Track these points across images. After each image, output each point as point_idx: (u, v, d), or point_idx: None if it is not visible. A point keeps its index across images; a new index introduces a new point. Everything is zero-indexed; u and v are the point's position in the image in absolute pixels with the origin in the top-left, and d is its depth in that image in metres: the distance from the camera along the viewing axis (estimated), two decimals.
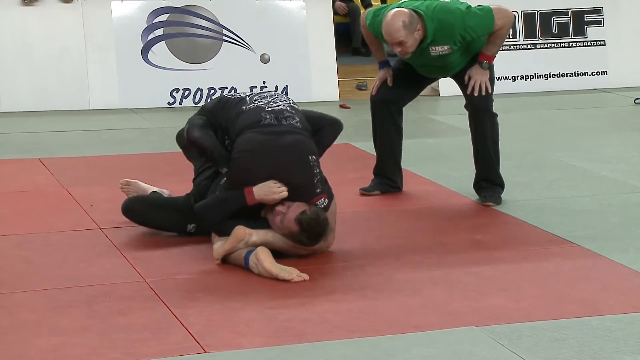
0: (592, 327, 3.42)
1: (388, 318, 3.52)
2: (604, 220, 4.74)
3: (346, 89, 8.65)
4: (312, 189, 4.05)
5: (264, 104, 4.20)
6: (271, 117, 4.14)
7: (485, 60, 5.10)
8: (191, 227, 4.33)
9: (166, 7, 8.12)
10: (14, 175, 5.67)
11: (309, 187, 4.05)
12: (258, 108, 4.18)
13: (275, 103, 4.22)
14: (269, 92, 4.37)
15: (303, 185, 4.04)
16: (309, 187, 4.05)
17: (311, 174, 4.05)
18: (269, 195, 4.02)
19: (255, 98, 4.27)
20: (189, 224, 4.33)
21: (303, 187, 4.04)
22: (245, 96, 4.31)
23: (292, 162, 4.05)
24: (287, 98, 4.34)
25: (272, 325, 3.47)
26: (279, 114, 4.16)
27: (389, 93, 5.21)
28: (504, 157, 5.27)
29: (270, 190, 4.01)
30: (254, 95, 4.31)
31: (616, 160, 5.96)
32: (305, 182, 4.05)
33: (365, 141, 6.58)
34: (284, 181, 4.02)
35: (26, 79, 7.80)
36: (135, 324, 3.46)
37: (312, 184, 4.06)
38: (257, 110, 4.16)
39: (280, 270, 3.89)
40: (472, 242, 4.40)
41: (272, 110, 4.16)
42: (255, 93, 4.34)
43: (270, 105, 4.20)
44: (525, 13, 8.76)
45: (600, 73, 8.84)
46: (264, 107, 4.18)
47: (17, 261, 4.15)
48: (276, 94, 4.33)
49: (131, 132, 7.00)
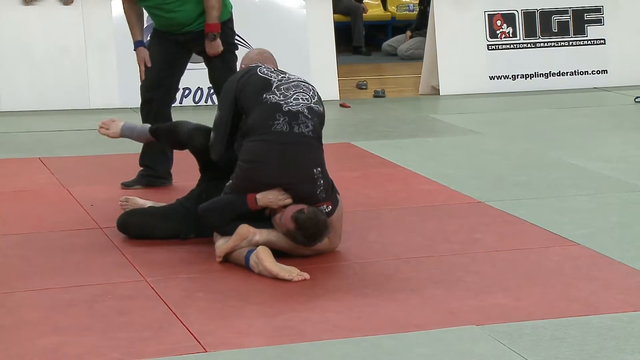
0: (593, 325, 3.42)
1: (389, 317, 3.52)
2: (605, 219, 4.74)
3: (346, 88, 8.65)
4: (314, 198, 4.07)
5: (282, 99, 4.10)
6: (284, 121, 4.05)
7: (209, 31, 5.09)
8: (192, 236, 4.32)
9: None
10: (14, 174, 5.67)
11: (312, 198, 4.07)
12: (275, 105, 4.08)
13: (296, 101, 4.11)
14: (295, 81, 4.21)
15: (306, 197, 4.05)
16: (312, 197, 4.07)
17: (314, 187, 4.06)
18: (274, 202, 4.03)
19: (277, 86, 4.13)
20: (189, 234, 4.31)
21: (306, 198, 4.05)
22: (272, 79, 4.17)
23: (297, 176, 4.04)
24: (310, 94, 4.18)
25: (272, 324, 3.47)
26: (293, 119, 4.06)
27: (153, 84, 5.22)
28: (504, 156, 5.27)
29: (275, 197, 4.02)
30: (280, 81, 4.17)
31: (616, 159, 5.96)
32: (308, 194, 4.06)
33: (366, 140, 6.59)
34: (288, 191, 4.03)
35: (26, 78, 7.80)
36: (135, 323, 3.46)
37: (315, 195, 4.07)
38: (273, 108, 4.07)
39: (280, 270, 3.89)
40: (472, 240, 4.40)
41: (288, 112, 4.06)
42: (282, 79, 4.19)
43: (289, 103, 4.10)
44: (525, 12, 8.76)
45: (600, 72, 8.84)
46: (281, 106, 4.08)
47: (17, 260, 4.15)
48: (301, 86, 4.18)
49: None
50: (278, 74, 4.24)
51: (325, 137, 4.25)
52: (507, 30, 8.69)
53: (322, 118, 4.20)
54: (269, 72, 4.24)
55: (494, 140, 6.58)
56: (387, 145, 6.42)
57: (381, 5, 12.35)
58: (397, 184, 5.44)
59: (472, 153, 6.23)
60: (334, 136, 6.51)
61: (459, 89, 8.50)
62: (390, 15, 12.23)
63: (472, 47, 8.58)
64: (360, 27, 11.36)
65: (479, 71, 8.60)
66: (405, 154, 6.14)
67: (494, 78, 8.64)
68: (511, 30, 8.69)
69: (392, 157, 6.03)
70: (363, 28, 11.40)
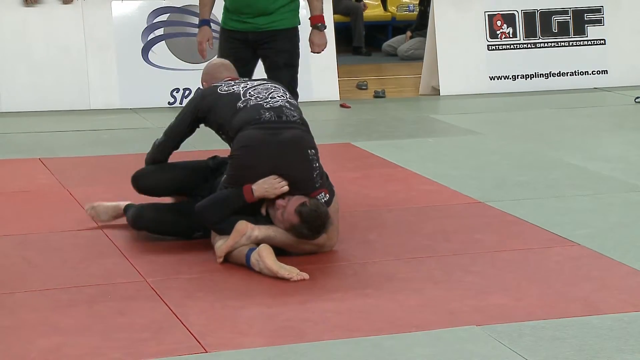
0: (593, 326, 3.42)
1: (389, 317, 3.52)
2: (605, 219, 4.74)
3: (346, 89, 8.65)
4: (311, 183, 4.06)
5: (261, 100, 4.18)
6: (271, 114, 4.13)
7: (319, 22, 5.08)
8: (197, 235, 4.32)
9: (166, 7, 8.12)
10: (14, 175, 5.67)
11: (309, 181, 4.06)
12: (256, 105, 4.16)
13: (274, 99, 4.20)
14: (264, 85, 4.30)
15: (303, 179, 4.05)
16: (309, 181, 4.06)
17: (310, 168, 4.06)
18: (270, 191, 4.02)
19: (250, 92, 4.22)
20: (196, 232, 4.31)
21: (302, 181, 4.05)
22: (236, 90, 4.24)
23: (292, 156, 4.06)
24: (283, 92, 4.30)
25: (273, 324, 3.47)
26: (279, 111, 4.15)
27: None
28: (504, 156, 5.27)
29: (272, 186, 4.02)
30: (248, 88, 4.26)
31: (616, 159, 5.96)
32: (305, 176, 4.06)
33: (366, 140, 6.59)
34: (284, 176, 4.03)
35: (26, 79, 7.80)
36: (136, 324, 3.46)
37: (312, 178, 4.06)
38: (255, 107, 4.15)
39: (280, 268, 3.89)
40: (472, 241, 4.40)
41: (271, 107, 4.15)
42: (250, 86, 4.27)
43: (269, 102, 4.18)
44: (525, 12, 8.76)
45: (600, 72, 8.84)
46: (262, 104, 4.16)
47: (17, 261, 4.15)
48: (272, 87, 4.28)
49: (131, 132, 7.00)
50: (239, 84, 4.30)
51: (325, 137, 4.27)
52: (507, 30, 8.69)
53: (301, 113, 4.26)
54: (229, 87, 4.28)
55: (494, 141, 6.58)
56: (387, 145, 6.42)
57: (381, 6, 12.35)
58: (397, 184, 5.44)
59: (473, 153, 6.23)
60: (334, 136, 6.51)
61: (459, 89, 8.50)
62: (390, 15, 12.23)
63: (472, 48, 8.58)
64: (360, 28, 11.35)
65: (479, 71, 8.59)
66: (405, 154, 6.14)
67: (494, 78, 8.64)
68: (511, 31, 8.69)
69: (392, 158, 6.03)
70: (363, 28, 11.40)
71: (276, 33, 5.00)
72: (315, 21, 5.13)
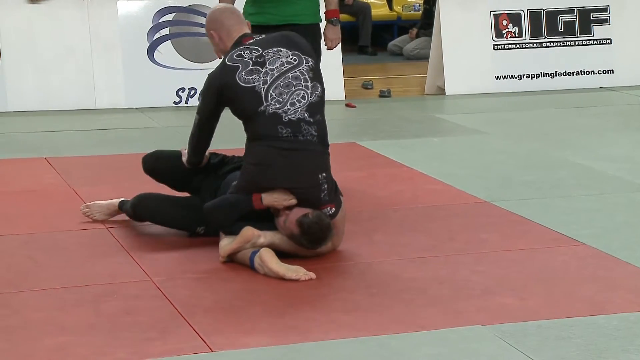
0: (599, 325, 3.42)
1: (394, 317, 3.52)
2: (611, 219, 4.73)
3: (352, 88, 8.65)
4: (318, 202, 4.07)
5: (280, 107, 4.02)
6: (287, 132, 4.01)
7: (333, 17, 5.07)
8: (200, 229, 4.32)
9: (172, 7, 8.12)
10: (20, 174, 5.68)
11: (316, 201, 4.07)
12: (274, 116, 4.00)
13: (294, 107, 4.03)
14: (285, 77, 4.05)
15: (310, 199, 4.05)
16: (316, 200, 4.07)
17: (318, 191, 4.06)
18: (279, 201, 4.03)
19: (271, 94, 4.03)
20: (198, 227, 4.32)
21: (310, 201, 4.05)
22: (257, 87, 4.02)
23: (302, 181, 4.02)
24: (305, 87, 4.07)
25: (278, 324, 3.47)
26: (296, 129, 4.01)
27: None
28: (509, 156, 5.26)
29: (281, 197, 4.03)
30: (269, 84, 4.03)
31: (623, 159, 5.95)
32: (312, 196, 4.06)
33: (372, 140, 6.59)
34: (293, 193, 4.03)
35: (32, 78, 7.81)
36: (141, 323, 3.46)
37: (319, 198, 4.07)
38: (273, 120, 4.00)
39: (287, 270, 3.89)
40: (478, 240, 4.40)
41: (289, 122, 4.01)
42: (270, 79, 4.03)
43: (288, 111, 4.02)
44: (531, 12, 8.75)
45: (606, 71, 8.83)
46: (280, 117, 4.01)
47: (23, 260, 4.15)
48: (292, 84, 4.05)
49: (137, 132, 7.01)
50: (259, 71, 4.04)
51: (330, 136, 4.25)
52: (513, 30, 8.68)
53: (322, 101, 4.13)
54: (249, 75, 4.03)
55: (500, 140, 6.57)
56: (392, 145, 6.42)
57: (387, 5, 12.35)
58: (402, 184, 5.44)
59: (478, 153, 6.23)
60: (340, 136, 6.50)
61: (464, 89, 8.49)
62: (396, 15, 12.23)
63: (478, 47, 8.58)
64: (368, 27, 11.36)
65: (485, 71, 8.59)
66: (410, 154, 6.14)
67: (499, 78, 8.63)
68: (517, 30, 8.68)
69: (397, 157, 6.03)
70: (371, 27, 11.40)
71: (297, 28, 4.80)
72: (330, 15, 5.11)
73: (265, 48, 4.14)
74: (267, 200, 4.05)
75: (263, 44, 4.16)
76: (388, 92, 8.49)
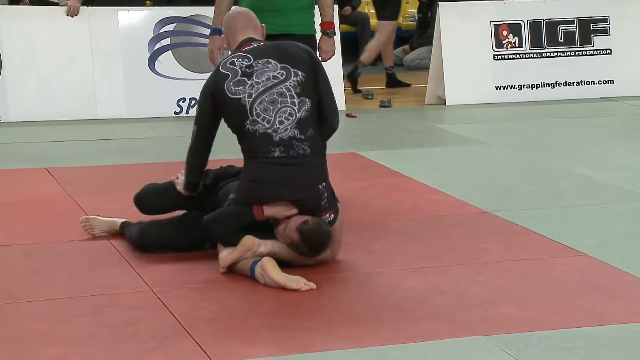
0: (600, 336, 3.41)
1: (395, 327, 3.52)
2: (612, 229, 4.73)
3: (352, 98, 8.66)
4: (318, 211, 4.07)
5: (269, 127, 3.98)
6: (280, 150, 3.99)
7: (329, 29, 5.04)
8: (207, 246, 4.31)
9: (173, 17, 8.14)
10: (21, 184, 5.68)
11: (317, 209, 4.07)
12: (265, 136, 3.98)
13: (282, 125, 3.99)
14: (270, 92, 4.00)
15: (311, 210, 4.06)
16: (317, 208, 4.07)
17: (320, 200, 4.07)
18: (280, 212, 4.03)
19: (256, 109, 4.00)
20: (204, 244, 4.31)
21: (310, 211, 4.06)
22: (243, 100, 4.00)
23: (303, 193, 4.02)
24: (291, 104, 4.02)
25: (279, 334, 3.47)
26: (288, 146, 3.99)
27: None
28: (510, 166, 5.26)
29: (282, 209, 4.03)
30: (253, 98, 4.00)
31: (623, 169, 5.95)
32: (314, 207, 4.06)
33: (372, 150, 6.59)
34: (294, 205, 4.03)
35: (33, 88, 7.82)
36: (142, 334, 3.46)
37: (320, 206, 4.07)
38: (264, 140, 3.98)
39: (288, 280, 3.89)
40: (478, 250, 4.40)
41: (280, 141, 3.98)
42: (255, 93, 4.01)
43: (278, 130, 3.99)
44: (531, 22, 8.77)
45: (606, 82, 8.84)
46: (271, 136, 3.98)
47: (24, 271, 4.15)
48: (277, 100, 4.00)
49: (138, 142, 7.02)
50: (246, 83, 4.02)
51: (331, 147, 4.25)
52: (513, 40, 8.69)
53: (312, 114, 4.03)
54: (236, 85, 4.02)
55: (500, 150, 6.58)
56: (393, 155, 6.42)
57: None
58: (403, 194, 5.44)
59: (479, 163, 6.23)
60: (340, 146, 6.51)
61: (465, 99, 8.50)
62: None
63: (478, 57, 8.59)
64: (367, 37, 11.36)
65: (485, 81, 8.60)
66: (411, 164, 6.14)
67: (500, 88, 8.64)
68: (517, 40, 8.70)
69: (398, 167, 6.03)
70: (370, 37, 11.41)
71: (292, 39, 4.78)
72: (325, 27, 5.11)
73: (257, 58, 4.11)
74: (268, 212, 4.04)
75: (256, 52, 4.14)
76: (388, 102, 8.51)
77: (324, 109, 4.13)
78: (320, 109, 4.12)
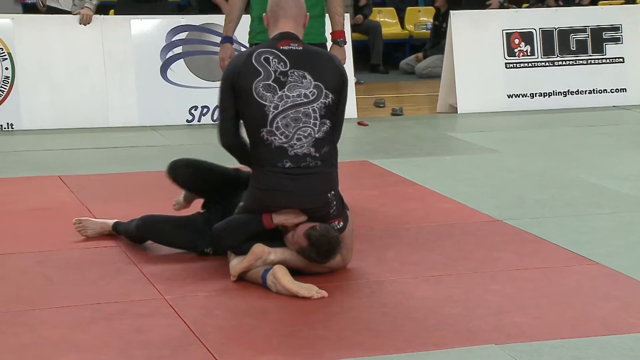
0: (613, 346, 3.40)
1: (407, 336, 3.51)
2: (624, 238, 4.71)
3: (364, 106, 8.67)
4: (327, 218, 4.08)
5: (285, 141, 3.97)
6: (291, 164, 3.99)
7: (340, 37, 5.01)
8: (209, 250, 4.33)
9: (185, 25, 8.17)
10: (34, 192, 5.70)
11: (325, 218, 4.08)
12: (280, 150, 3.98)
13: (300, 142, 3.98)
14: (296, 110, 3.97)
15: (319, 218, 4.06)
16: (325, 218, 4.07)
17: (329, 208, 4.07)
18: (290, 220, 4.03)
19: (278, 122, 3.97)
20: (205, 248, 4.33)
21: (319, 218, 4.06)
22: (267, 108, 3.96)
23: (312, 202, 4.03)
24: (313, 125, 3.98)
25: (290, 342, 3.46)
26: (301, 161, 3.99)
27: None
28: (522, 174, 5.25)
29: (291, 217, 4.03)
30: (278, 111, 3.97)
31: (636, 178, 5.93)
32: (323, 214, 4.07)
33: (384, 158, 6.59)
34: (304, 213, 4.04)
35: (46, 97, 7.86)
36: (154, 341, 3.46)
37: (329, 214, 4.08)
38: (278, 152, 3.98)
39: (300, 288, 3.89)
40: (491, 259, 4.39)
41: (294, 156, 3.98)
42: (281, 108, 3.97)
43: (294, 146, 3.98)
44: (543, 30, 8.76)
45: (619, 90, 8.82)
46: (286, 150, 3.98)
47: (37, 278, 4.17)
48: (301, 119, 3.98)
49: (150, 150, 7.04)
50: (276, 92, 3.96)
51: (342, 155, 4.25)
52: (525, 48, 8.69)
53: (329, 134, 4.02)
54: (265, 89, 3.97)
55: (512, 159, 6.57)
56: (405, 163, 6.42)
57: (399, 24, 12.39)
58: (415, 202, 5.43)
59: (491, 171, 6.22)
60: (352, 154, 6.51)
61: (476, 107, 8.50)
62: (407, 33, 12.26)
63: (490, 66, 8.59)
64: (379, 45, 11.39)
65: (497, 89, 8.59)
66: (423, 172, 6.13)
67: (512, 96, 8.64)
68: (529, 49, 8.69)
69: (410, 175, 6.03)
70: (382, 46, 11.44)
71: None
72: (336, 36, 5.11)
73: (294, 66, 4.01)
74: (277, 220, 4.05)
75: (294, 59, 4.02)
76: (400, 110, 8.51)
77: (334, 128, 4.10)
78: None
